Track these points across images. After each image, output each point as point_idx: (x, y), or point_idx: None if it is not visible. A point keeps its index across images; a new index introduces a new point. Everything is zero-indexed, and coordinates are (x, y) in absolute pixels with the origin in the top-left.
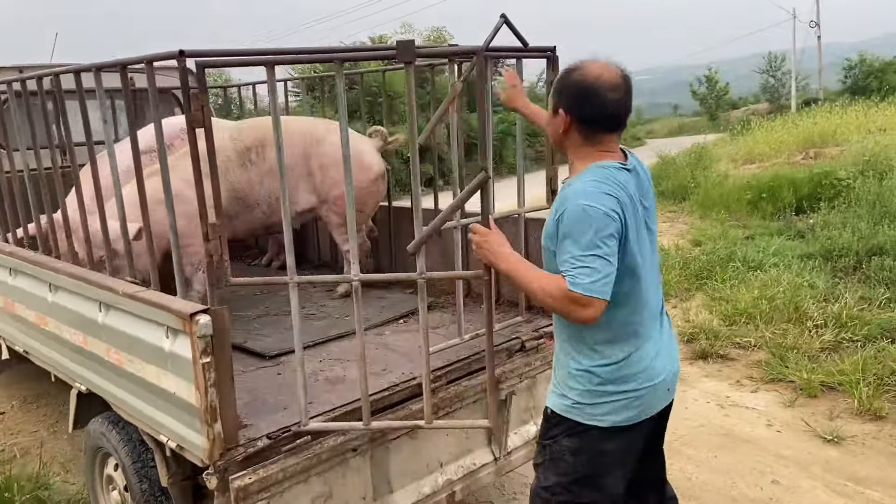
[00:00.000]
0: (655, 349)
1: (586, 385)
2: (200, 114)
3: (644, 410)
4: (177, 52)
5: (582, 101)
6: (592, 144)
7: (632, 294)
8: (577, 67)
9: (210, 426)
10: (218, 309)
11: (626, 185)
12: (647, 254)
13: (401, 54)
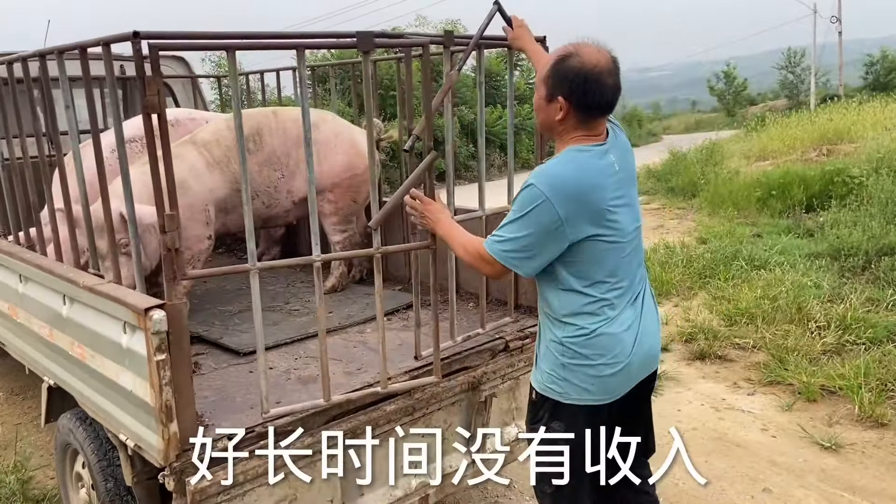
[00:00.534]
0: (628, 327)
1: (559, 358)
2: (156, 99)
3: (618, 388)
4: (131, 33)
5: (583, 88)
6: (585, 129)
7: (599, 269)
8: (573, 54)
9: (165, 426)
10: (175, 304)
11: (598, 170)
12: (622, 229)
13: (360, 44)
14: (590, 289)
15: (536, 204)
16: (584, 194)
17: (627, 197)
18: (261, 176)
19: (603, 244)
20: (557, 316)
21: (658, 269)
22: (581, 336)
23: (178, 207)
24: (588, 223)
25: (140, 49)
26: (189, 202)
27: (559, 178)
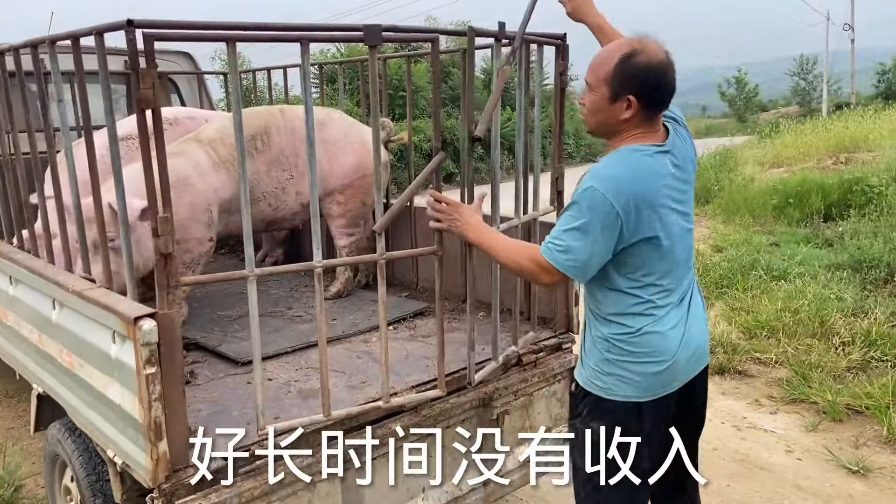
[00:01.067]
0: (674, 325)
1: (604, 354)
2: (150, 93)
3: (663, 386)
4: (124, 21)
5: (655, 85)
6: (647, 126)
7: (649, 270)
8: (639, 50)
9: (154, 445)
10: (167, 313)
11: (652, 171)
12: (674, 232)
13: (367, 38)
14: (638, 290)
15: (598, 207)
16: (640, 196)
17: (682, 199)
18: (269, 176)
19: (654, 246)
20: (604, 314)
21: None
22: (627, 334)
23: (172, 209)
24: (642, 225)
25: (134, 39)
26: (191, 201)
27: (618, 179)
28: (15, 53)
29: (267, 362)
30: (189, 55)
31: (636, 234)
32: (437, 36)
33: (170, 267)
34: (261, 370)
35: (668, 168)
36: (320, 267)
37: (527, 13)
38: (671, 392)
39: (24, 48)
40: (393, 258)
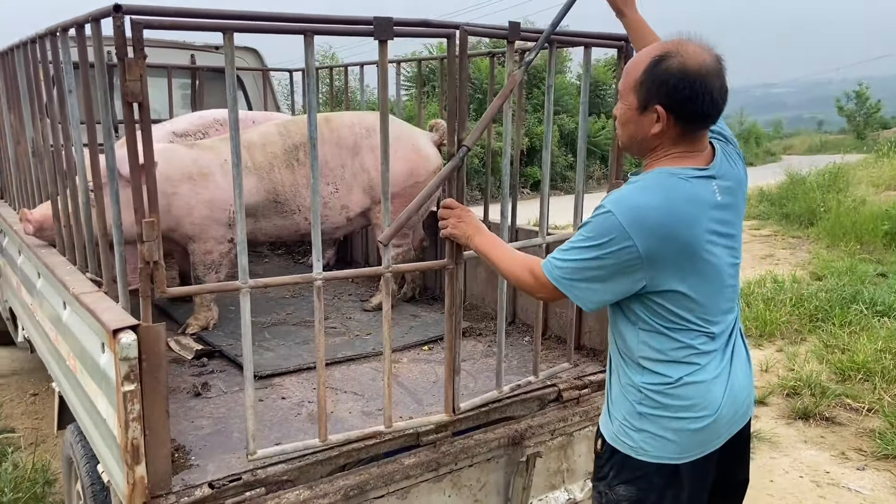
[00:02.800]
0: (717, 374)
1: (636, 406)
2: (137, 85)
3: (702, 446)
4: (111, 7)
5: (687, 95)
6: (685, 144)
7: (689, 310)
8: (673, 53)
9: (131, 468)
10: (150, 326)
11: (692, 199)
12: (721, 268)
13: (377, 31)
14: (677, 333)
15: (612, 235)
16: (671, 228)
17: (730, 231)
18: (309, 190)
19: (694, 286)
20: (635, 358)
21: (761, 305)
22: (664, 384)
23: (158, 213)
24: (674, 261)
25: (122, 26)
26: (210, 197)
27: (642, 208)
28: (28, 46)
29: (286, 377)
30: (255, 51)
31: (664, 270)
32: (454, 32)
33: (156, 276)
34: (252, 393)
35: (712, 195)
36: (320, 279)
37: (558, 16)
38: (711, 452)
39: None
40: (400, 271)
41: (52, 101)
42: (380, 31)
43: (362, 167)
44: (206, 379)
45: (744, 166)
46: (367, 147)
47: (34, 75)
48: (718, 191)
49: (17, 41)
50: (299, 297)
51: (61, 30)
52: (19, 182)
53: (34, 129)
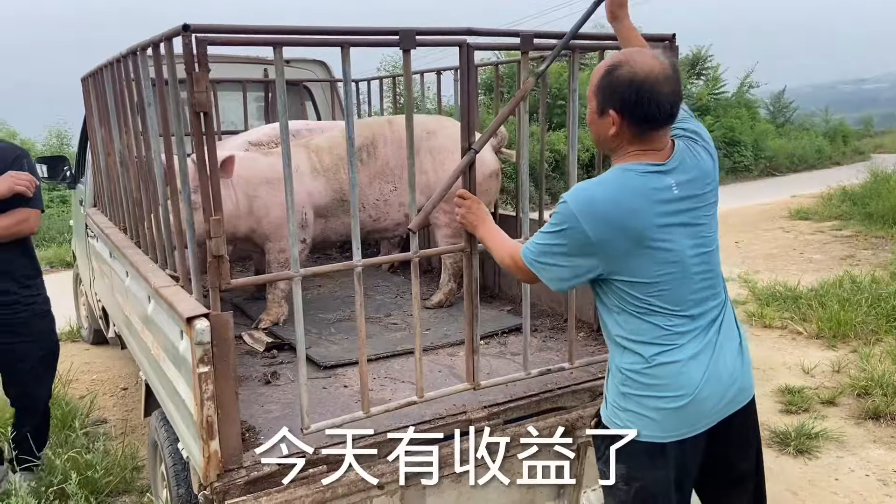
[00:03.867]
0: (694, 356)
1: (619, 387)
2: (204, 96)
3: (687, 425)
4: (180, 27)
5: (636, 100)
6: (641, 143)
7: (654, 295)
8: (623, 62)
9: (206, 443)
10: (220, 314)
11: (642, 192)
12: (685, 254)
13: (402, 41)
14: (647, 316)
15: (567, 222)
16: (618, 217)
17: (691, 220)
18: (371, 188)
19: (657, 269)
20: (616, 339)
21: (836, 306)
22: (640, 364)
23: (222, 212)
24: (625, 248)
25: (190, 43)
26: (282, 200)
27: (591, 199)
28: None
29: (348, 368)
30: (324, 63)
31: (618, 255)
32: (465, 39)
33: (221, 269)
34: (305, 373)
35: (669, 190)
36: (360, 266)
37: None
38: (699, 434)
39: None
40: (426, 255)
41: (134, 115)
42: (405, 42)
43: (420, 168)
44: (275, 368)
45: (712, 159)
46: (426, 149)
47: (119, 92)
48: (675, 184)
49: (104, 61)
50: (364, 295)
51: (140, 49)
52: (110, 191)
53: (121, 141)
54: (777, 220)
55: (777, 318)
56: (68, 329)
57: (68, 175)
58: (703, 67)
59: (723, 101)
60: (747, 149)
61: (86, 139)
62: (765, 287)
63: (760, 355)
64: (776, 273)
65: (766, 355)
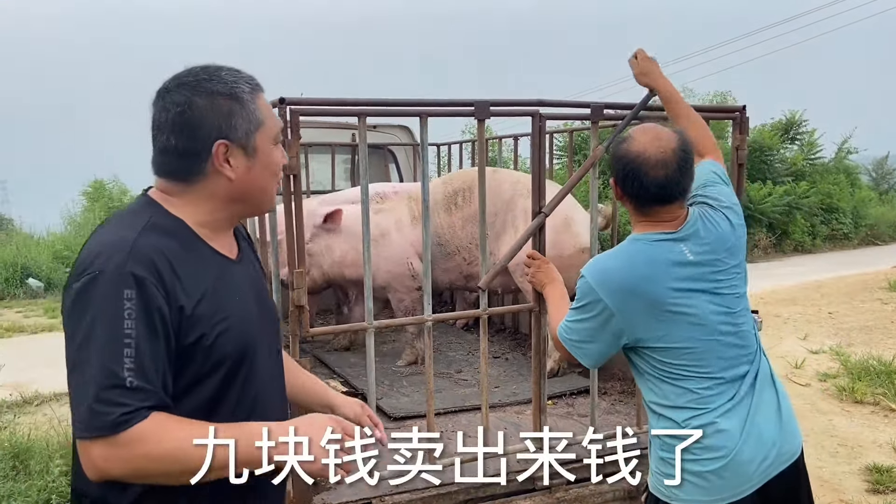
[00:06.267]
0: (730, 420)
1: (659, 452)
2: (295, 161)
3: (731, 489)
4: (278, 100)
5: (625, 176)
6: (645, 214)
7: (689, 361)
8: (628, 137)
9: None
10: (298, 360)
11: (653, 260)
12: (708, 318)
13: (477, 112)
14: (678, 381)
15: (587, 296)
16: (632, 284)
17: (708, 285)
18: (463, 231)
19: (676, 334)
20: (649, 406)
21: None
22: (673, 428)
23: (305, 264)
24: (646, 313)
25: (285, 114)
26: (388, 254)
27: (605, 270)
28: None
29: (417, 420)
30: (407, 128)
31: (639, 323)
32: (538, 110)
33: (302, 318)
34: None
35: (679, 255)
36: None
37: (643, 101)
38: (745, 496)
39: None
40: (495, 313)
41: None
42: (479, 112)
43: (513, 222)
44: None
45: (731, 225)
46: (521, 207)
47: None
48: (688, 251)
49: None
50: (436, 351)
51: None
52: None
53: None
54: (875, 291)
55: (869, 394)
56: None
57: None
58: (798, 132)
59: (819, 166)
60: (846, 216)
61: None
62: (858, 361)
63: (850, 431)
64: (871, 347)
65: (856, 432)
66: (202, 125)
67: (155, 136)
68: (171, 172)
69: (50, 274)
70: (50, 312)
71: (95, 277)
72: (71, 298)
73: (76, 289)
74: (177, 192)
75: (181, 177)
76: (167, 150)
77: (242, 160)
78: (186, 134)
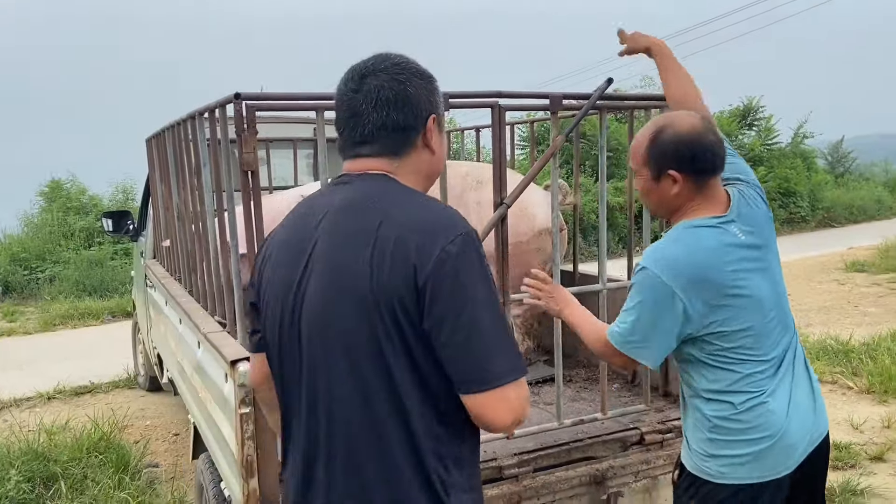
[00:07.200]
0: (778, 401)
1: (707, 434)
2: (251, 156)
3: (777, 464)
4: (233, 95)
5: (682, 156)
6: (702, 194)
7: (738, 342)
8: (664, 127)
9: (246, 481)
10: None
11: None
12: (763, 296)
13: None
14: (735, 365)
15: (654, 289)
16: (699, 271)
17: (760, 265)
18: None
19: (737, 318)
20: (699, 393)
21: (888, 361)
22: (728, 411)
23: None
24: (711, 300)
25: (241, 109)
26: None
27: (671, 258)
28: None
29: None
30: None
31: (704, 309)
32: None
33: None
34: None
35: (734, 237)
36: None
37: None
38: (785, 475)
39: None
40: None
41: (191, 173)
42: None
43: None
44: None
45: (765, 203)
46: (473, 200)
47: (178, 152)
48: (740, 232)
49: (166, 125)
50: None
51: (198, 114)
52: (168, 243)
53: (178, 196)
54: (832, 273)
55: (827, 373)
56: (126, 376)
57: (131, 228)
58: (755, 118)
59: (776, 151)
60: (803, 199)
61: (148, 194)
62: (816, 341)
63: None
64: (829, 326)
65: None
66: (419, 101)
67: (367, 115)
68: (388, 146)
69: (7, 277)
70: (9, 316)
71: (471, 233)
72: (456, 259)
73: (455, 251)
74: (391, 170)
75: (396, 151)
76: (386, 126)
77: (437, 136)
78: (406, 109)
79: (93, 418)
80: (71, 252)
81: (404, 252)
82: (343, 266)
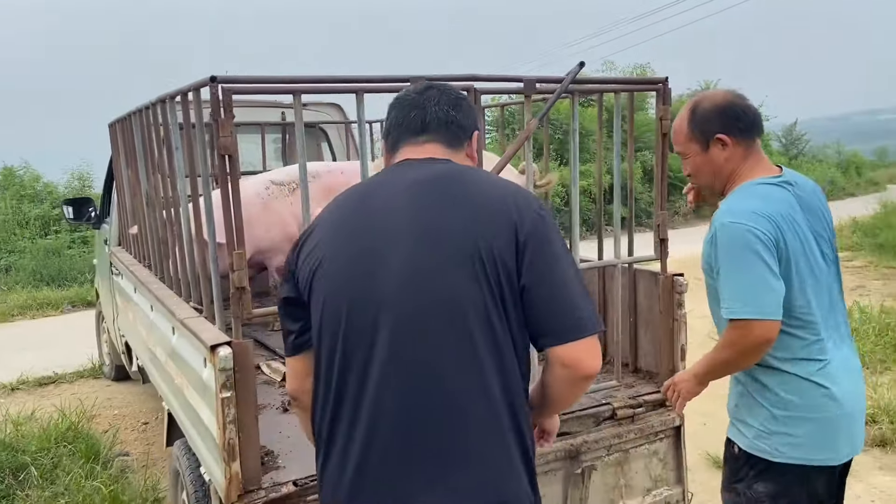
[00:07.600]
0: (843, 369)
1: (771, 409)
2: (229, 140)
3: (842, 444)
4: (208, 78)
5: (736, 114)
6: (752, 153)
7: (806, 305)
8: (700, 100)
9: (228, 465)
10: (241, 342)
11: (781, 199)
12: (820, 263)
13: None
14: (800, 330)
15: (746, 238)
16: (779, 217)
17: (821, 231)
18: None
19: (805, 277)
20: (765, 362)
21: None
22: (797, 384)
23: (245, 246)
24: (791, 248)
25: (216, 92)
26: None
27: (754, 210)
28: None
29: None
30: (338, 106)
31: (790, 256)
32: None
33: (244, 300)
34: None
35: (796, 197)
36: None
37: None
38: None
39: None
40: None
41: (162, 158)
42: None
43: None
44: None
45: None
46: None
47: (147, 136)
48: (795, 197)
49: (133, 109)
50: None
51: (169, 98)
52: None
53: (148, 182)
54: None
55: None
56: (90, 366)
57: (93, 216)
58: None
59: None
60: None
61: (111, 181)
62: None
63: None
64: None
65: None
66: (470, 112)
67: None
68: (446, 138)
69: None
70: None
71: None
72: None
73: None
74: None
75: (452, 144)
76: (446, 120)
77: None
78: (462, 113)
79: (60, 408)
80: (27, 241)
81: (506, 211)
82: (443, 230)
